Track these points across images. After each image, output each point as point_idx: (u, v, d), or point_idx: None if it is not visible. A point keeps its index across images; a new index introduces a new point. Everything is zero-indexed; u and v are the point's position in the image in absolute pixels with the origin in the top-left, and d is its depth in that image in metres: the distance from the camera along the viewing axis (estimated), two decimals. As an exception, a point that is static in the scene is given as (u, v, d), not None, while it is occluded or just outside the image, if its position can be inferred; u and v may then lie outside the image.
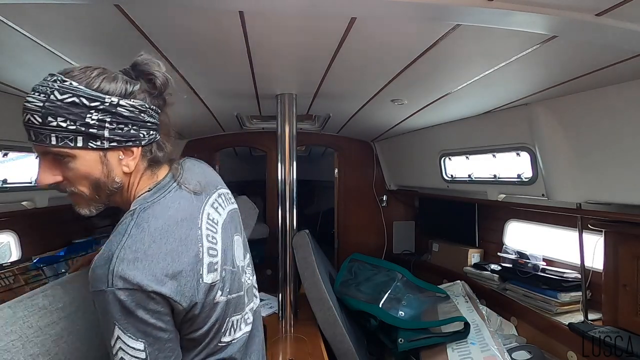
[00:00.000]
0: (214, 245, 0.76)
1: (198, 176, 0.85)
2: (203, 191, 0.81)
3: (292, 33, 1.01)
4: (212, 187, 0.87)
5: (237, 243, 0.88)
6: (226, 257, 0.79)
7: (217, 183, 0.92)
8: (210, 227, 0.77)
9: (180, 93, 0.86)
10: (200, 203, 0.79)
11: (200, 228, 0.75)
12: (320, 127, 2.72)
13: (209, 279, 0.72)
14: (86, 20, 0.91)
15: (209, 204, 0.82)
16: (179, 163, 0.84)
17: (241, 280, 0.86)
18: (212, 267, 0.73)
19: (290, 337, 1.78)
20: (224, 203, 0.88)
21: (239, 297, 0.83)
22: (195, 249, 0.72)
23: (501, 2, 0.82)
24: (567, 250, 1.94)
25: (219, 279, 0.75)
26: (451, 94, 1.55)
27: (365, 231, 3.25)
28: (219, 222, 0.81)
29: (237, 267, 0.85)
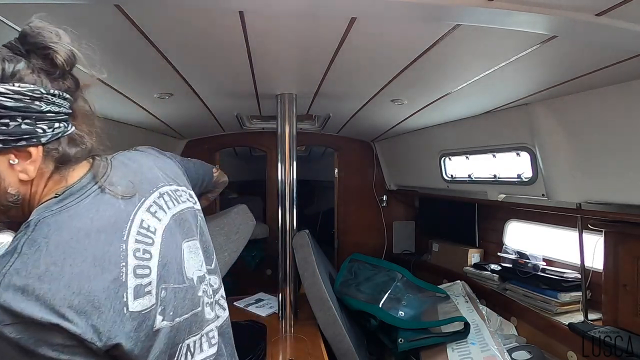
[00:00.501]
0: (146, 262, 0.60)
1: (132, 174, 0.69)
2: (137, 193, 0.65)
3: (292, 33, 1.01)
4: (151, 186, 0.70)
5: (188, 251, 0.72)
6: (168, 273, 0.63)
7: (160, 180, 0.73)
8: (142, 239, 0.61)
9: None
10: (132, 208, 0.63)
11: (125, 242, 0.58)
12: (320, 127, 2.72)
13: (137, 306, 0.56)
14: (86, 20, 0.90)
15: (144, 208, 0.65)
16: (106, 159, 0.68)
17: (196, 295, 0.70)
18: (141, 291, 0.57)
19: (290, 337, 1.78)
20: (169, 204, 0.71)
21: (193, 315, 0.68)
22: (116, 270, 0.55)
23: (501, 2, 0.82)
24: (567, 250, 1.94)
25: (156, 302, 0.59)
26: (451, 94, 1.55)
27: (365, 231, 3.26)
28: (157, 230, 0.65)
29: (189, 280, 0.69)
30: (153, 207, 0.67)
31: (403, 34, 1.02)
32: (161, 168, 0.78)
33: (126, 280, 0.56)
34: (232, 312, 2.00)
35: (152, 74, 1.34)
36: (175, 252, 0.68)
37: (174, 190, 0.75)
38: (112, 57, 1.16)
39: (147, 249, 0.61)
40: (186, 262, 0.70)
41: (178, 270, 0.66)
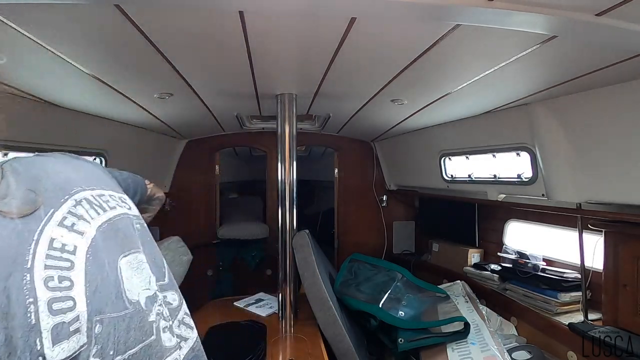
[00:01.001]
0: (66, 292, 0.45)
1: (32, 181, 0.52)
2: (41, 205, 0.49)
3: (292, 33, 1.01)
4: (62, 193, 0.53)
5: (129, 267, 0.55)
6: (101, 301, 0.48)
7: (75, 184, 0.57)
8: (56, 263, 0.46)
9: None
10: (35, 226, 0.47)
11: (29, 270, 0.43)
12: (320, 127, 2.72)
13: (59, 353, 0.42)
14: (86, 20, 0.91)
15: (55, 222, 0.49)
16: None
17: (146, 321, 0.53)
18: (64, 331, 0.43)
19: (290, 337, 1.78)
20: (91, 212, 0.54)
21: (146, 348, 0.52)
22: (20, 310, 0.40)
23: (501, 2, 0.82)
24: (567, 250, 1.94)
25: (87, 341, 0.45)
26: (451, 94, 1.55)
27: (365, 231, 3.26)
28: (78, 248, 0.49)
29: (134, 304, 0.53)
30: (68, 219, 0.51)
31: (403, 34, 1.02)
32: (76, 170, 0.61)
33: (38, 322, 0.41)
34: (233, 312, 2.02)
35: (152, 74, 1.34)
36: (109, 271, 0.51)
37: (98, 195, 0.59)
38: (112, 57, 1.17)
39: (64, 275, 0.46)
40: (127, 282, 0.53)
41: (116, 295, 0.51)
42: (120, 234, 0.57)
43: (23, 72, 1.21)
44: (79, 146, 1.89)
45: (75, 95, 1.54)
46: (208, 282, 3.08)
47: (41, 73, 1.23)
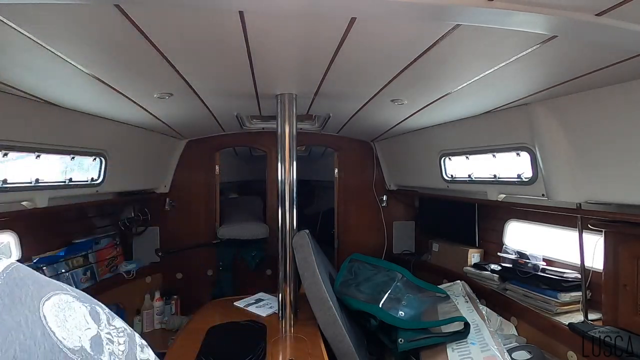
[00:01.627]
0: None
1: None
2: None
3: (292, 33, 1.01)
4: None
5: (58, 311, 0.42)
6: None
7: None
8: None
9: None
10: None
11: None
12: (320, 127, 2.72)
13: None
14: (87, 20, 0.91)
15: None
16: None
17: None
18: None
19: (290, 337, 1.78)
20: None
21: None
22: None
23: (501, 2, 0.82)
24: (567, 250, 1.94)
25: None
26: (451, 94, 1.55)
27: (365, 231, 3.26)
28: None
29: (79, 352, 0.41)
30: None
31: (403, 34, 1.02)
32: None
33: None
34: (233, 312, 2.02)
35: (152, 73, 1.34)
36: (31, 328, 0.39)
37: None
38: (112, 57, 1.17)
39: None
40: (59, 331, 0.41)
41: (51, 349, 0.39)
42: (27, 280, 0.43)
43: (23, 72, 1.21)
44: (79, 146, 1.89)
45: (75, 95, 1.54)
46: (208, 282, 3.08)
47: (41, 73, 1.23)
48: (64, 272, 2.10)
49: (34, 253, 2.01)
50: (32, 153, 1.63)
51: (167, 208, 3.03)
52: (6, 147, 1.48)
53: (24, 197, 1.70)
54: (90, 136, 1.95)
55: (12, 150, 1.52)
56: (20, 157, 1.61)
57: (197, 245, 3.00)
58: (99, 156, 2.10)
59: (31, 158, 1.64)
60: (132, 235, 2.89)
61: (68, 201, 2.04)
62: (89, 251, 2.34)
